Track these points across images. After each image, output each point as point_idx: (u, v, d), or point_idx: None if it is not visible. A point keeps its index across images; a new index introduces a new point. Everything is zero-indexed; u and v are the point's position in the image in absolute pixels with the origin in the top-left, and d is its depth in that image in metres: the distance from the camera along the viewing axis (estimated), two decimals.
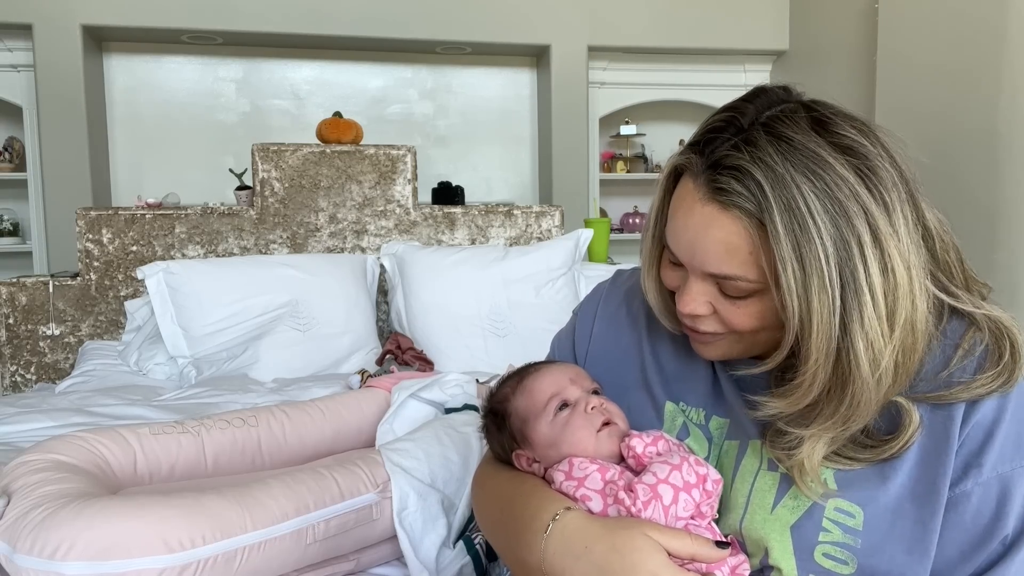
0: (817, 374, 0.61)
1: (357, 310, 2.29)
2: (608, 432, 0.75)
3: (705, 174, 0.63)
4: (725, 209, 0.62)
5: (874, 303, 0.59)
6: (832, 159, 0.60)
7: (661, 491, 0.66)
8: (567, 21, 3.90)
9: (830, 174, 0.59)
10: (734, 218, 0.62)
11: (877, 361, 0.60)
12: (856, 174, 0.60)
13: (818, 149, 0.60)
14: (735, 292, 0.65)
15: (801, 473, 0.65)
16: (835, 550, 0.65)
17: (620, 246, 3.96)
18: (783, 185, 0.59)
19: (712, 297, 0.67)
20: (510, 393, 0.83)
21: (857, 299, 0.59)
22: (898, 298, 0.60)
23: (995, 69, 2.47)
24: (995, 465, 0.63)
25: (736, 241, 0.62)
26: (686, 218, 0.65)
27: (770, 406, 0.65)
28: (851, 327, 0.59)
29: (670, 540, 0.64)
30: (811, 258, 0.58)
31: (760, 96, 0.66)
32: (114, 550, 0.81)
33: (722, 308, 0.67)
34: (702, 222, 0.64)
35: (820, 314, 0.59)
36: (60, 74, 3.43)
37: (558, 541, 0.67)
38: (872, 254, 0.59)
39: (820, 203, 0.59)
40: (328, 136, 2.65)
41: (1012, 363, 0.64)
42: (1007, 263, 2.41)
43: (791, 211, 0.59)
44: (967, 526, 0.63)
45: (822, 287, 0.59)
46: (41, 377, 2.38)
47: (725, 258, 0.63)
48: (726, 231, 0.63)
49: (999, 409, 0.63)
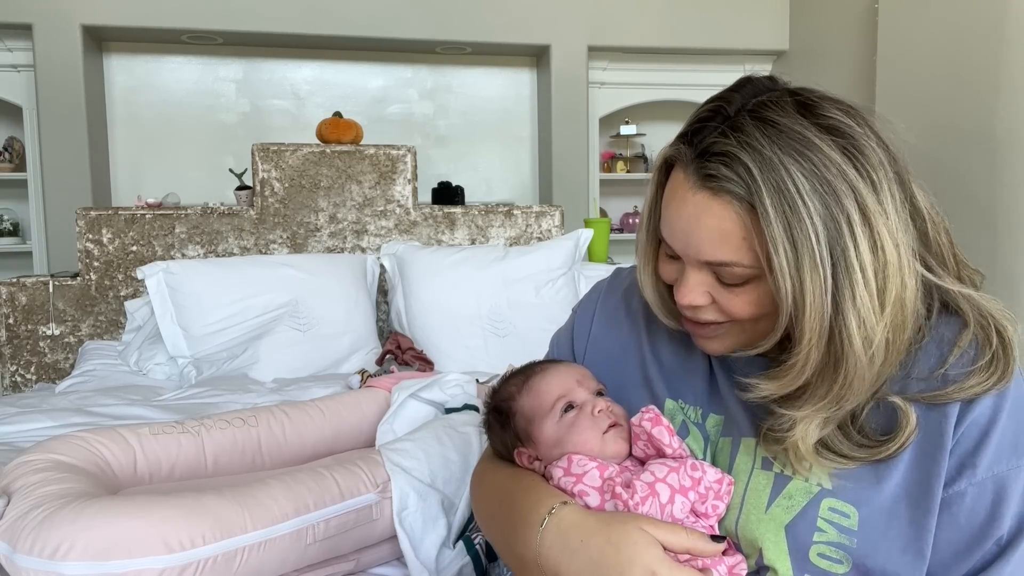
0: (811, 354, 0.61)
1: (357, 310, 2.29)
2: (614, 434, 0.76)
3: (695, 163, 0.64)
4: (716, 195, 0.62)
5: (865, 281, 0.59)
6: (818, 140, 0.60)
7: (659, 489, 0.67)
8: (567, 21, 3.90)
9: (817, 155, 0.60)
10: (725, 204, 0.62)
11: (869, 339, 0.60)
12: (843, 154, 0.60)
13: (804, 131, 0.60)
14: (732, 279, 0.65)
15: (797, 457, 0.65)
16: (830, 550, 0.65)
17: (620, 246, 3.97)
18: (771, 167, 0.60)
19: (710, 287, 0.67)
20: (515, 392, 0.83)
21: (848, 277, 0.59)
22: (888, 276, 0.60)
23: (995, 69, 2.47)
24: (990, 465, 0.63)
25: (729, 227, 0.63)
26: (679, 208, 0.66)
27: (762, 388, 0.65)
28: (843, 305, 0.59)
29: (666, 534, 0.64)
30: (802, 238, 0.59)
31: (746, 85, 0.66)
32: (114, 550, 0.81)
33: (720, 297, 0.67)
34: (694, 211, 0.64)
35: (813, 293, 0.59)
36: (60, 74, 3.43)
37: (554, 535, 0.67)
38: (862, 232, 0.59)
39: (808, 183, 0.59)
40: (328, 136, 2.65)
41: (1004, 357, 0.64)
42: (1007, 262, 2.41)
43: (780, 192, 0.59)
44: (961, 526, 0.63)
45: (813, 266, 0.59)
46: (41, 377, 2.38)
47: (719, 245, 0.63)
48: (718, 217, 0.63)
49: (994, 408, 0.63)
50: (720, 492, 0.69)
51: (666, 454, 0.71)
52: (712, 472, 0.69)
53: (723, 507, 0.70)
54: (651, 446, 0.73)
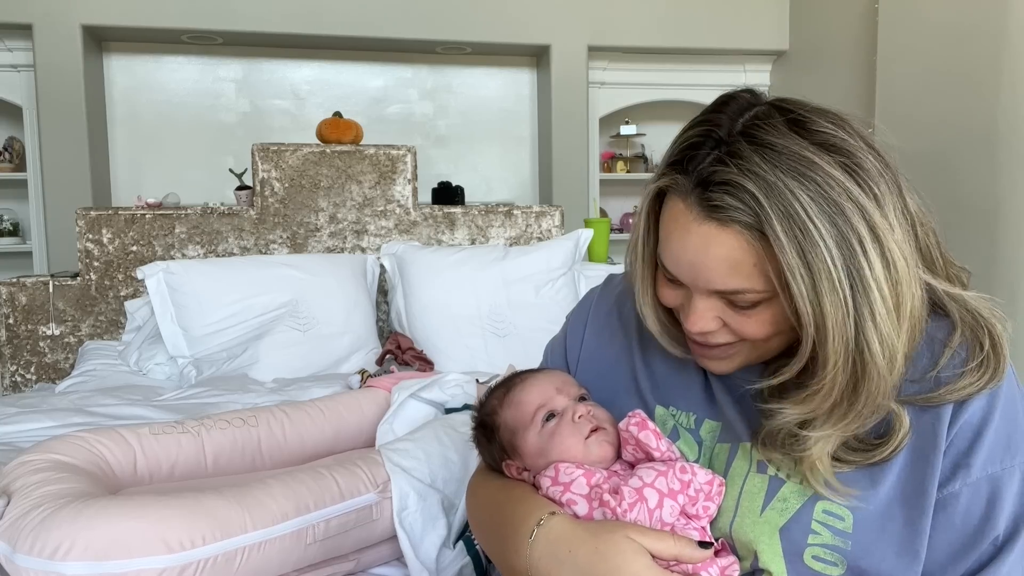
0: (836, 377, 0.61)
1: (357, 310, 2.29)
2: (596, 438, 0.75)
3: (695, 192, 0.62)
4: (723, 225, 0.61)
5: (883, 298, 0.59)
6: (818, 159, 0.59)
7: (647, 494, 0.67)
8: (567, 21, 3.90)
9: (820, 174, 0.59)
10: (734, 233, 0.61)
11: (892, 357, 0.60)
12: (844, 171, 0.60)
13: (802, 151, 0.60)
14: (744, 303, 0.65)
15: (813, 474, 0.65)
16: (824, 552, 0.65)
17: (620, 246, 3.96)
18: (777, 193, 0.59)
19: (719, 311, 0.67)
20: (497, 405, 0.83)
21: (867, 296, 0.58)
22: (902, 291, 0.60)
23: (995, 69, 2.47)
24: (984, 465, 0.63)
25: (739, 256, 0.62)
26: (683, 239, 0.64)
27: (787, 413, 0.64)
28: (864, 325, 0.59)
29: (653, 542, 0.64)
30: (818, 263, 0.58)
31: (729, 104, 0.65)
32: (114, 550, 0.81)
33: (732, 320, 0.66)
34: (701, 242, 0.63)
35: (834, 317, 0.59)
36: (60, 74, 3.43)
37: (543, 546, 0.67)
38: (873, 249, 0.58)
39: (816, 206, 0.58)
40: (328, 136, 2.65)
41: (995, 357, 0.64)
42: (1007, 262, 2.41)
43: (790, 218, 0.58)
44: (957, 527, 0.63)
45: (832, 289, 0.58)
46: (41, 377, 2.38)
47: (730, 274, 0.63)
48: (727, 247, 0.62)
49: (987, 409, 0.63)
50: (711, 493, 0.69)
51: (655, 458, 0.71)
52: (703, 473, 0.69)
53: (714, 508, 0.70)
54: (640, 450, 0.72)
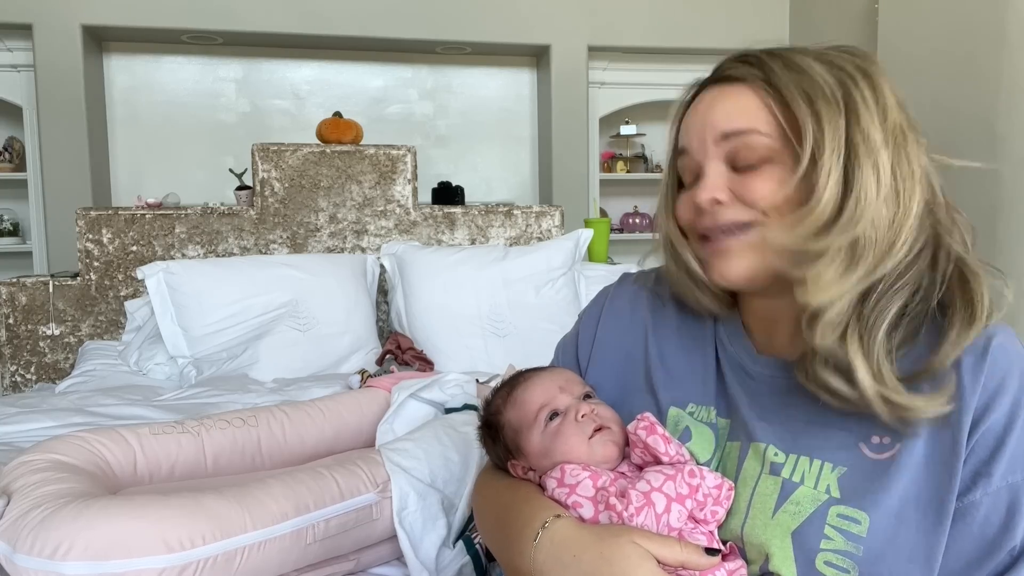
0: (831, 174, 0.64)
1: (357, 310, 2.29)
2: (601, 438, 0.75)
3: (713, 77, 0.73)
4: (732, 83, 0.70)
5: (870, 115, 0.65)
6: (828, 74, 0.68)
7: (655, 498, 0.66)
8: (567, 21, 3.90)
9: (827, 75, 0.67)
10: (742, 87, 0.70)
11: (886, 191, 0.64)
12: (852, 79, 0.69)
13: (813, 64, 0.68)
14: (749, 157, 0.68)
15: (883, 402, 0.63)
16: (836, 558, 0.64)
17: (620, 246, 3.96)
18: (783, 59, 0.69)
19: (727, 179, 0.70)
20: (502, 404, 0.83)
21: (856, 111, 0.65)
22: (889, 125, 0.65)
23: (995, 69, 2.47)
24: (1005, 474, 0.62)
25: (745, 101, 0.69)
26: (696, 107, 0.73)
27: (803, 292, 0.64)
28: (852, 129, 0.64)
29: (659, 548, 0.63)
30: (815, 88, 0.66)
31: None
32: (114, 550, 0.81)
33: (739, 187, 0.69)
34: (710, 99, 0.72)
35: (828, 121, 0.64)
36: (60, 74, 3.43)
37: (547, 549, 0.67)
38: (864, 84, 0.66)
39: (819, 65, 0.67)
40: (328, 136, 2.65)
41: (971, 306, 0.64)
42: (1007, 262, 2.41)
43: (792, 67, 0.68)
44: (975, 536, 0.62)
45: (826, 101, 0.65)
46: (41, 377, 2.38)
47: (736, 114, 0.69)
48: (734, 97, 0.70)
49: (1010, 416, 0.62)
50: (719, 498, 0.68)
51: (663, 461, 0.70)
52: (711, 477, 0.68)
53: (723, 512, 0.69)
54: (648, 453, 0.72)
